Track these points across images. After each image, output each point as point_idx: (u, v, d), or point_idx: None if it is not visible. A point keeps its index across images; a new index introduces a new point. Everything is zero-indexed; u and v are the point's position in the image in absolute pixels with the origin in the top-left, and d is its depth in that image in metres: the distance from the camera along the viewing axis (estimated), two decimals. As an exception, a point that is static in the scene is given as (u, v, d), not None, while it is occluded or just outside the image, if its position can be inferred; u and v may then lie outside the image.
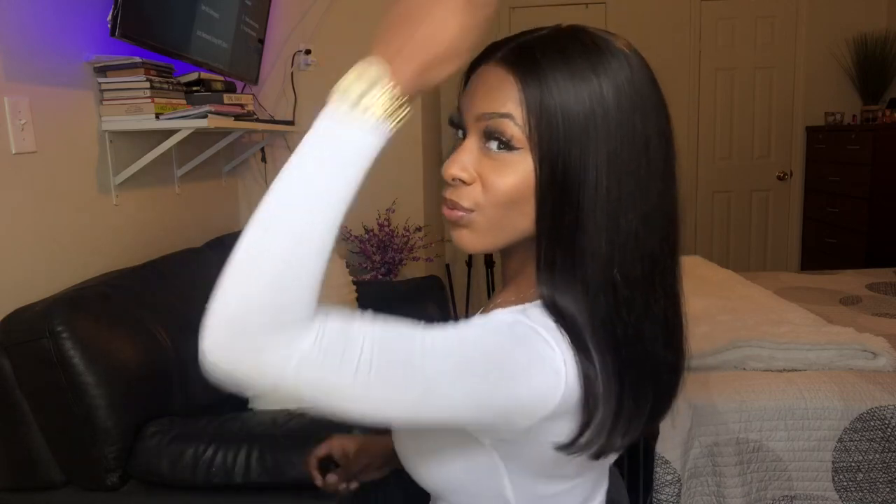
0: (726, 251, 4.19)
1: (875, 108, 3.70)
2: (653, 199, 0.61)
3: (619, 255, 0.60)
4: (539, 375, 0.57)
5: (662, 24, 3.98)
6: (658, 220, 0.62)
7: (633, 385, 0.61)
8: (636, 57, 0.64)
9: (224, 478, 1.37)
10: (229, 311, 0.49)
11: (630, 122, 0.60)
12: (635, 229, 0.60)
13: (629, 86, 0.60)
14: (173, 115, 1.90)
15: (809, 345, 1.79)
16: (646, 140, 0.61)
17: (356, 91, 0.54)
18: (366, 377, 0.50)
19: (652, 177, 0.61)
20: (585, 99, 0.59)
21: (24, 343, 1.35)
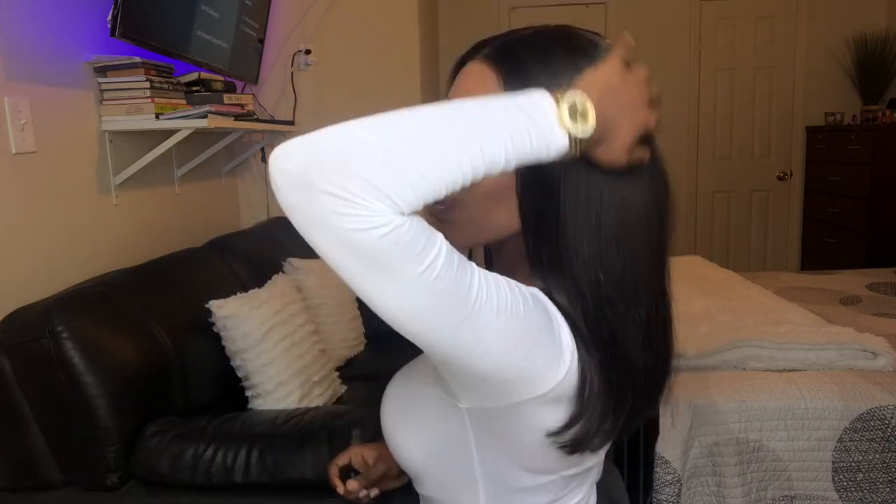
0: (726, 251, 4.19)
1: (875, 108, 3.70)
2: (634, 185, 0.62)
3: (602, 254, 0.60)
4: (553, 345, 0.58)
5: (662, 24, 3.98)
6: (641, 220, 0.62)
7: (616, 385, 0.62)
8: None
9: (224, 478, 1.37)
10: (373, 145, 0.49)
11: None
12: (616, 229, 0.61)
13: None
14: (173, 115, 1.90)
15: (809, 345, 1.79)
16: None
17: (574, 100, 0.54)
18: (428, 279, 0.49)
19: (633, 177, 0.62)
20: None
21: (24, 343, 1.35)
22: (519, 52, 0.63)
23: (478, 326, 0.52)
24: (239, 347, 1.68)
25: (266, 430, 1.45)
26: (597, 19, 3.97)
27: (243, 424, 1.48)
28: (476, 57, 0.65)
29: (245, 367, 1.70)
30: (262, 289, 1.85)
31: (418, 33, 2.95)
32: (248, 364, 1.69)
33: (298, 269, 2.24)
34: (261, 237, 2.51)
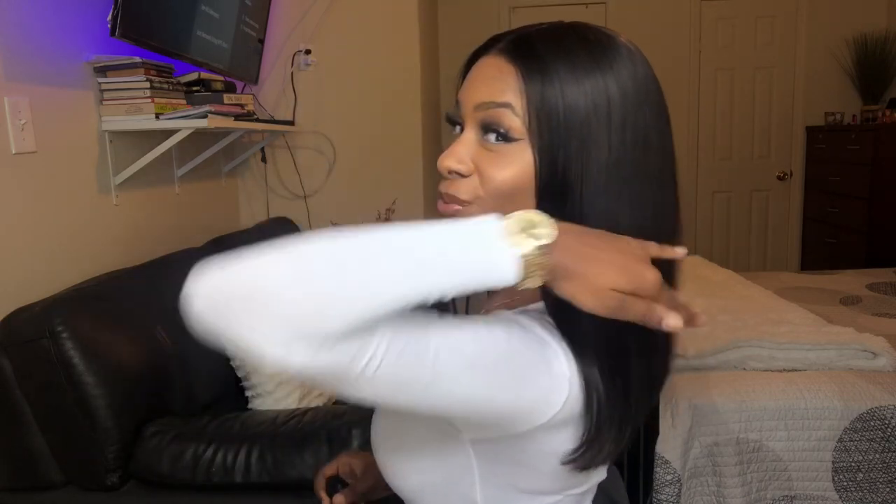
0: (726, 251, 4.19)
1: (875, 108, 3.70)
2: (650, 200, 0.60)
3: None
4: (543, 378, 0.56)
5: (662, 24, 3.98)
6: (655, 221, 0.61)
7: (623, 393, 0.61)
8: (639, 54, 0.63)
9: (224, 478, 1.37)
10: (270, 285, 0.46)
11: (633, 118, 0.59)
12: (633, 230, 0.58)
13: (633, 82, 0.60)
14: (173, 115, 1.90)
15: (809, 345, 1.79)
16: (646, 138, 0.60)
17: (525, 223, 0.51)
18: (373, 373, 0.48)
19: (650, 176, 0.60)
20: (588, 92, 0.58)
21: (24, 343, 1.35)
22: (537, 44, 0.61)
23: (443, 387, 0.51)
24: (239, 347, 1.68)
25: (266, 430, 1.45)
26: (597, 19, 3.97)
27: (243, 424, 1.48)
28: (491, 51, 0.64)
29: (245, 367, 1.70)
30: (262, 289, 1.85)
31: (418, 33, 2.95)
32: (248, 364, 1.69)
33: (298, 269, 2.23)
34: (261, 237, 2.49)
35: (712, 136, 4.10)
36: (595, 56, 0.59)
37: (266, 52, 2.77)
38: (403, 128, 2.94)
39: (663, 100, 0.63)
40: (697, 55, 4.02)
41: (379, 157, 2.97)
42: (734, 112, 4.08)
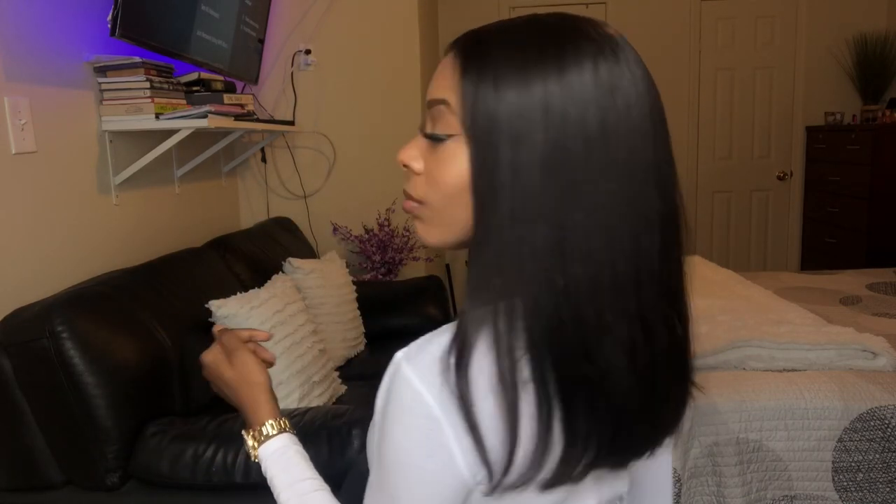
0: (726, 251, 4.19)
1: (875, 108, 3.70)
2: (607, 206, 0.54)
3: (561, 264, 0.53)
4: (431, 464, 0.55)
5: (662, 24, 3.98)
6: (618, 228, 0.54)
7: (573, 411, 0.55)
8: (613, 54, 0.55)
9: (224, 478, 1.37)
10: None
11: (579, 122, 0.53)
12: (580, 238, 0.53)
13: (588, 83, 0.54)
14: (173, 115, 1.90)
15: (809, 345, 1.79)
16: (595, 140, 0.54)
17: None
18: None
19: (606, 179, 0.54)
20: (527, 90, 0.54)
21: (24, 343, 1.35)
22: (487, 39, 0.58)
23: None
24: (239, 347, 1.68)
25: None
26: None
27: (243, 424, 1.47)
28: (452, 47, 0.61)
29: (245, 367, 1.69)
30: (262, 289, 1.85)
31: (418, 33, 2.95)
32: (248, 364, 1.69)
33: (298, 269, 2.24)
34: (261, 237, 2.51)
35: (712, 136, 4.10)
36: (545, 53, 0.55)
37: (266, 52, 2.77)
38: (403, 128, 2.94)
39: (643, 93, 0.56)
40: (697, 55, 4.02)
41: (379, 157, 2.97)
42: (734, 112, 4.08)
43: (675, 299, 0.60)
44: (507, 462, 0.54)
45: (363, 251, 2.91)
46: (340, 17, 2.90)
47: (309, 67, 2.92)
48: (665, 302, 0.58)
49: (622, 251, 0.55)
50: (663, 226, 0.57)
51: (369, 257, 2.90)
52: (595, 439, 0.56)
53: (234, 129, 2.35)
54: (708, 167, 4.13)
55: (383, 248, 2.89)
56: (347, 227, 2.95)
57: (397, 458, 0.57)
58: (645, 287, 0.56)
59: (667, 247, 0.57)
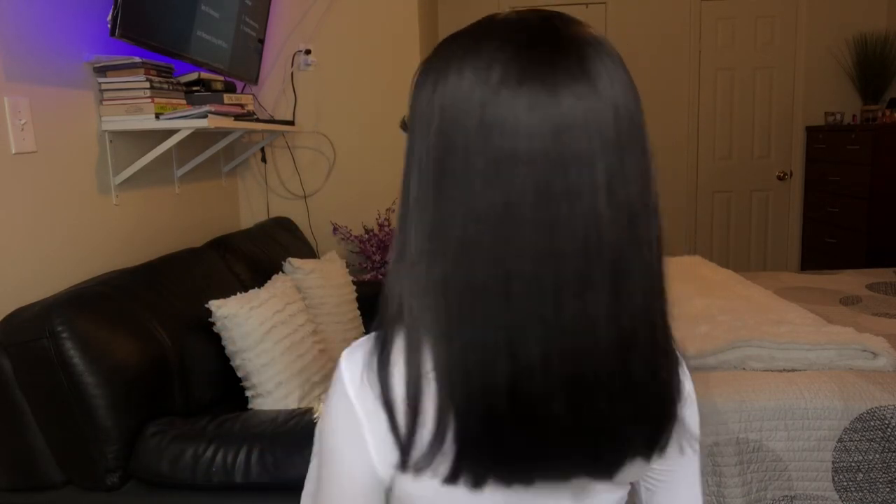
0: (726, 251, 4.19)
1: (875, 108, 3.70)
2: (480, 201, 0.53)
3: (454, 258, 0.54)
4: (348, 447, 0.60)
5: (662, 24, 3.98)
6: (490, 226, 0.53)
7: (470, 408, 0.55)
8: (519, 50, 0.53)
9: (224, 478, 1.37)
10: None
11: (449, 126, 0.54)
12: (458, 230, 0.54)
13: (461, 84, 0.54)
14: (173, 115, 1.90)
15: (809, 345, 1.79)
16: (452, 146, 0.54)
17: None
18: None
19: (472, 174, 0.53)
20: (427, 91, 0.57)
21: (24, 343, 1.35)
22: (445, 40, 0.58)
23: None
24: (239, 347, 1.68)
25: (266, 430, 1.45)
26: (597, 19, 3.97)
27: (243, 424, 1.48)
28: None
29: (245, 367, 1.70)
30: (262, 289, 1.85)
31: (418, 33, 2.95)
32: (248, 364, 1.69)
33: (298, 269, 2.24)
34: (261, 237, 2.51)
35: (712, 136, 4.10)
36: (455, 53, 0.56)
37: (266, 52, 2.77)
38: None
39: (517, 89, 0.53)
40: (697, 55, 4.02)
41: (379, 157, 2.97)
42: (734, 112, 4.08)
43: (615, 303, 0.55)
44: (409, 441, 0.57)
45: (363, 251, 2.91)
46: (340, 17, 2.90)
47: (309, 67, 2.92)
48: (592, 307, 0.54)
49: (505, 247, 0.53)
50: (555, 224, 0.53)
51: (369, 257, 2.90)
52: (491, 442, 0.55)
53: (234, 129, 2.35)
54: (708, 167, 4.13)
55: (383, 248, 2.89)
56: (347, 227, 2.95)
57: (324, 443, 0.62)
58: (534, 290, 0.53)
59: (534, 251, 0.53)
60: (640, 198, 0.56)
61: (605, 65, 0.54)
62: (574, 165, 0.52)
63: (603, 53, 0.54)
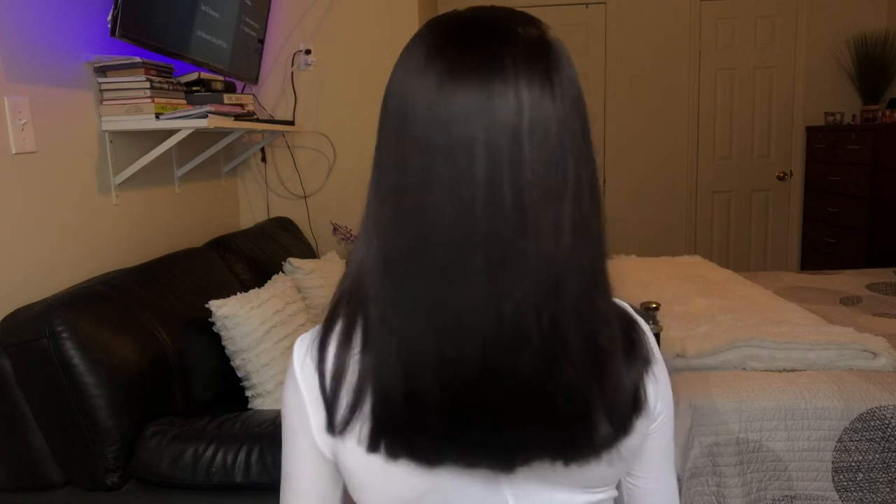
0: (726, 251, 4.19)
1: (875, 108, 3.70)
2: (391, 185, 0.60)
3: (376, 239, 0.60)
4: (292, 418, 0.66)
5: (662, 24, 3.98)
6: (394, 208, 0.59)
7: (382, 383, 0.58)
8: (435, 42, 0.57)
9: (224, 478, 1.37)
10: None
11: (383, 111, 0.60)
12: (380, 213, 0.61)
13: (400, 65, 0.59)
14: (173, 115, 1.90)
15: (809, 345, 1.79)
16: (381, 147, 0.61)
17: None
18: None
19: (383, 161, 0.61)
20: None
21: (24, 343, 1.35)
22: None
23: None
24: (239, 347, 1.68)
25: (266, 430, 1.45)
26: (597, 19, 3.98)
27: (243, 424, 1.48)
28: None
29: (245, 367, 1.70)
30: (262, 289, 1.85)
31: (418, 33, 2.95)
32: (248, 364, 1.69)
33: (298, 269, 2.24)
34: (261, 237, 2.51)
35: (712, 136, 4.10)
36: (405, 49, 0.61)
37: (266, 52, 2.77)
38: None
39: (431, 84, 0.56)
40: (697, 55, 4.02)
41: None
42: (734, 112, 4.08)
43: (549, 293, 0.55)
44: (332, 401, 0.61)
45: (363, 251, 2.90)
46: (340, 17, 2.90)
47: (309, 67, 2.92)
48: (530, 293, 0.55)
49: (442, 230, 0.55)
50: (491, 209, 0.54)
51: (369, 257, 2.89)
52: (403, 417, 0.57)
53: (234, 129, 2.35)
54: (708, 167, 4.13)
55: (383, 248, 2.89)
56: (347, 227, 2.95)
57: (282, 418, 0.68)
58: (477, 272, 0.54)
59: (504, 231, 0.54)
60: (537, 186, 0.54)
61: (513, 58, 0.55)
62: (459, 153, 0.54)
63: (519, 46, 0.56)
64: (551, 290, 0.55)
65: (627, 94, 4.04)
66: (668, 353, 1.78)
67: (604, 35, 4.00)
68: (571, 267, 0.56)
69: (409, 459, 0.59)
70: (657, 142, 4.08)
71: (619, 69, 4.01)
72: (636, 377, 0.62)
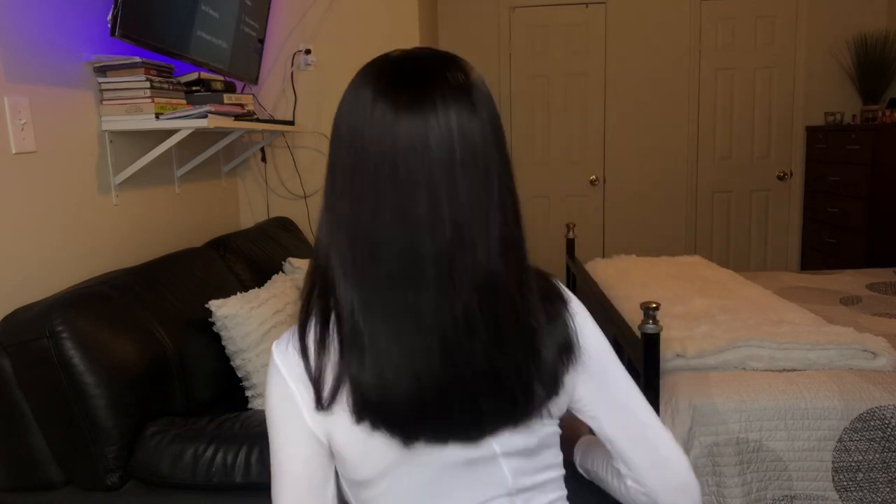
0: (726, 251, 4.19)
1: (875, 108, 3.70)
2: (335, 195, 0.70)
3: (337, 245, 0.70)
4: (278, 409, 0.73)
5: (662, 24, 3.98)
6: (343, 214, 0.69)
7: (361, 370, 0.67)
8: (364, 75, 0.76)
9: (224, 478, 1.37)
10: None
11: (335, 143, 0.71)
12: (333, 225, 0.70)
13: (348, 103, 0.74)
14: (173, 114, 1.90)
15: (809, 344, 1.79)
16: (333, 157, 0.71)
17: None
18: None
19: (333, 173, 0.71)
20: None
21: (24, 343, 1.35)
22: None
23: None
24: (239, 347, 1.68)
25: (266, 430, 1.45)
26: (597, 19, 3.98)
27: (243, 424, 1.48)
28: None
29: (245, 367, 1.70)
30: (262, 289, 1.85)
31: (418, 33, 2.95)
32: (248, 364, 1.69)
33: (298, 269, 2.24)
34: (261, 237, 2.51)
35: (712, 136, 4.10)
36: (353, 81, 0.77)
37: (266, 52, 2.77)
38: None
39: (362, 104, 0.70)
40: (697, 55, 4.02)
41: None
42: (734, 112, 4.08)
43: (483, 289, 0.68)
44: (318, 379, 0.69)
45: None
46: (340, 17, 2.90)
47: (309, 67, 2.92)
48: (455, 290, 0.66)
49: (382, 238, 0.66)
50: (436, 230, 0.66)
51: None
52: (377, 398, 0.67)
53: (234, 129, 2.35)
54: (708, 167, 4.13)
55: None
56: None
57: (267, 412, 0.74)
58: (418, 271, 0.66)
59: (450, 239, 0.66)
60: (470, 210, 0.66)
61: (446, 96, 0.66)
62: (405, 185, 0.65)
63: (447, 88, 0.67)
64: (490, 290, 0.67)
65: (627, 93, 4.04)
66: (668, 353, 1.78)
67: (604, 35, 4.00)
68: (501, 269, 0.68)
69: (388, 435, 0.68)
70: (657, 142, 4.08)
71: (619, 69, 4.01)
72: (561, 336, 0.74)
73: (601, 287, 2.40)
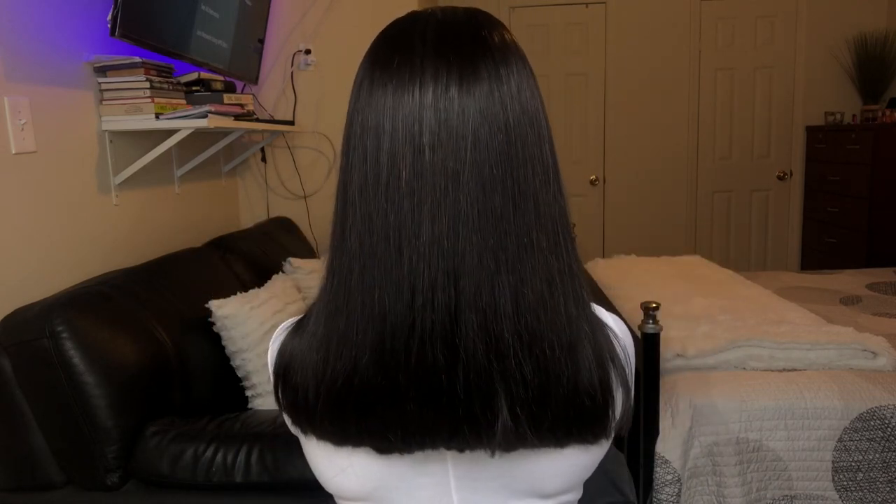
0: (726, 251, 4.19)
1: (875, 108, 3.70)
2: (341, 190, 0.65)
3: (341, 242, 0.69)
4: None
5: (662, 24, 3.98)
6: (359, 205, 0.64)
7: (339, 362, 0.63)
8: (368, 63, 0.62)
9: (224, 478, 1.37)
10: None
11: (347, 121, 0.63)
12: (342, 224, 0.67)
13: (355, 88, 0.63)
14: (173, 114, 1.90)
15: (809, 344, 1.79)
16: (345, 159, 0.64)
17: None
18: None
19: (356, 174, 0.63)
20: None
21: (24, 343, 1.35)
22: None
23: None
24: (239, 347, 1.68)
25: (266, 430, 1.45)
26: (597, 19, 3.98)
27: (243, 424, 1.48)
28: None
29: (245, 367, 1.70)
30: (262, 289, 1.85)
31: (418, 33, 2.95)
32: (248, 364, 1.69)
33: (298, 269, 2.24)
34: (261, 237, 2.51)
35: (712, 136, 4.10)
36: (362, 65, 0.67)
37: (266, 52, 2.77)
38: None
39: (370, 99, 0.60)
40: (697, 55, 4.02)
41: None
42: (734, 112, 4.08)
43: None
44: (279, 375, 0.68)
45: (363, 251, 2.91)
46: (340, 17, 2.90)
47: (309, 67, 2.92)
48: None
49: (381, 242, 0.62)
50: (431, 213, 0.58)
51: (369, 257, 2.90)
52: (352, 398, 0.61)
53: (234, 129, 2.35)
54: (708, 167, 4.13)
55: (383, 248, 2.89)
56: (347, 227, 2.95)
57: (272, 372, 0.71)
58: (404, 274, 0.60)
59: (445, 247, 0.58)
60: (484, 206, 0.57)
61: (482, 75, 0.57)
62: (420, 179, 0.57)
63: (477, 62, 0.58)
64: (489, 297, 0.57)
65: (627, 93, 4.04)
66: (668, 353, 1.78)
67: (604, 35, 4.00)
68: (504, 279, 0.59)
69: (325, 441, 0.65)
70: (657, 142, 4.08)
71: (619, 69, 4.01)
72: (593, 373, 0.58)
73: (601, 287, 2.40)
